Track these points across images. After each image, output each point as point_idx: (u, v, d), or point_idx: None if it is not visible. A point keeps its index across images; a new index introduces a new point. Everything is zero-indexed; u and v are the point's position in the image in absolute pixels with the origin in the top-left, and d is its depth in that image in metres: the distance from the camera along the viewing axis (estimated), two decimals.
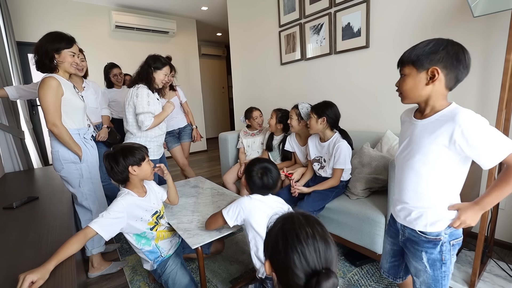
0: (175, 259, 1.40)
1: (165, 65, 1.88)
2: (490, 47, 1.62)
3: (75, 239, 1.02)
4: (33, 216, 1.38)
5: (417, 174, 0.87)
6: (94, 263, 1.68)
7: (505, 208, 1.71)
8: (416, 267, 0.92)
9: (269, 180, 1.22)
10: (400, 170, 0.94)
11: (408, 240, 0.94)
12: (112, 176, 1.25)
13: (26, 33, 3.57)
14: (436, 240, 0.87)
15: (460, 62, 0.79)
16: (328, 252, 0.54)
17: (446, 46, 0.79)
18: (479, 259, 1.35)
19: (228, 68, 6.95)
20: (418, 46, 0.83)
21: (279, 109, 2.23)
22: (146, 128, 1.82)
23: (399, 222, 0.97)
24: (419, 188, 0.88)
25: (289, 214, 0.61)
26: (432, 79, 0.81)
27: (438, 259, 0.88)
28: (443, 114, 0.81)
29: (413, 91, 0.85)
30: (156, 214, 1.36)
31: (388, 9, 2.03)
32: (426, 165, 0.84)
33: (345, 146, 1.64)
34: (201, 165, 4.54)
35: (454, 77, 0.81)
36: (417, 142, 0.86)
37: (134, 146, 1.28)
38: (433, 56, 0.80)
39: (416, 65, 0.82)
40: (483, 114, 0.74)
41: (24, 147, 2.47)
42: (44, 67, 1.41)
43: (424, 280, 0.91)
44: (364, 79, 2.25)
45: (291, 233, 0.56)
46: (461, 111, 0.77)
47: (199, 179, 2.22)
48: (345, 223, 1.63)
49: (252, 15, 3.32)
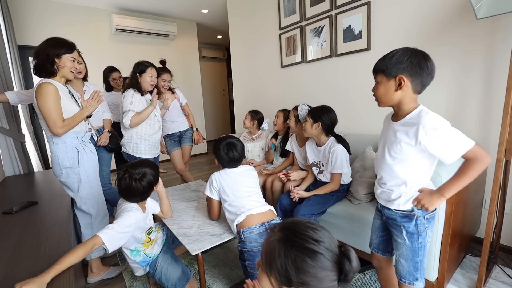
0: (164, 256, 1.39)
1: (147, 67, 1.94)
2: (494, 49, 1.60)
3: (82, 249, 0.99)
4: (32, 221, 1.37)
5: (391, 167, 1.01)
6: (93, 268, 1.67)
7: (510, 213, 1.68)
8: (397, 241, 1.05)
9: (235, 153, 1.41)
10: (379, 163, 1.08)
11: (388, 218, 1.08)
12: (136, 195, 1.26)
13: (28, 37, 3.58)
14: (411, 215, 1.01)
15: (423, 70, 0.90)
16: (332, 236, 0.57)
17: (409, 56, 0.90)
18: (484, 266, 1.33)
19: (228, 70, 6.95)
20: (387, 56, 0.95)
21: (284, 109, 2.26)
22: (127, 124, 1.91)
23: (380, 203, 1.11)
24: (393, 177, 1.02)
25: (278, 228, 0.58)
26: (400, 85, 0.92)
27: (415, 231, 1.01)
28: (411, 117, 0.94)
29: (385, 96, 0.97)
30: (148, 231, 1.36)
31: (390, 11, 2.02)
32: (398, 159, 0.98)
33: (340, 150, 1.63)
34: (201, 168, 4.53)
35: (419, 82, 0.92)
36: (391, 141, 1.00)
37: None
38: (399, 65, 0.91)
39: (386, 73, 0.94)
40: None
41: (24, 150, 2.46)
42: (43, 71, 1.40)
43: (403, 252, 1.04)
44: (365, 82, 2.23)
45: (300, 237, 0.54)
46: (425, 115, 0.89)
47: (200, 182, 2.20)
48: (347, 228, 1.61)
49: (252, 17, 3.31)
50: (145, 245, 1.34)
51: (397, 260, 1.07)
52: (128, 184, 1.22)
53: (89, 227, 1.60)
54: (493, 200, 1.31)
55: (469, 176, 0.89)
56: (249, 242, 1.27)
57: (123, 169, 1.26)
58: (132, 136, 1.98)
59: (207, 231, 1.40)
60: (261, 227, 1.30)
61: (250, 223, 1.30)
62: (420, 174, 0.99)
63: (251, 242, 1.27)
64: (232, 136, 1.48)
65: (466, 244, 1.64)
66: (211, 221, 1.52)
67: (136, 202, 1.28)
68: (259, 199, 1.43)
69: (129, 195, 1.25)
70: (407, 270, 1.04)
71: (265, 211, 1.37)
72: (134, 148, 1.99)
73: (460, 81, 1.75)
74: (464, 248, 1.64)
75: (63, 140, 1.45)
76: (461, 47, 1.71)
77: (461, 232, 1.47)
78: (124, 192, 1.24)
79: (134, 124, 1.93)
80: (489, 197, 1.71)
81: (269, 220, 1.34)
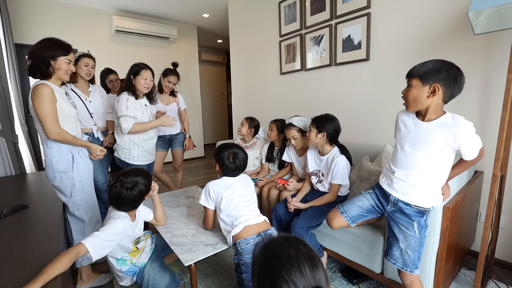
0: (152, 264, 1.37)
1: (142, 69, 1.90)
2: (491, 65, 1.61)
3: (66, 257, 0.96)
4: (21, 226, 1.33)
5: (420, 162, 1.10)
6: (83, 275, 1.63)
7: (504, 227, 1.69)
8: (407, 233, 1.16)
9: (241, 163, 1.40)
10: (406, 156, 1.15)
11: (398, 211, 1.18)
12: (126, 204, 1.24)
13: (26, 36, 3.55)
14: (426, 212, 1.14)
15: (456, 83, 1.02)
16: (315, 271, 0.52)
17: (448, 68, 1.01)
18: (479, 281, 1.32)
19: (228, 74, 6.96)
20: (426, 64, 1.04)
21: (276, 120, 2.20)
22: (126, 131, 1.84)
23: (395, 196, 1.19)
24: (421, 172, 1.11)
25: (269, 240, 0.59)
26: (433, 93, 1.02)
27: (424, 225, 1.15)
28: (445, 120, 1.05)
29: (416, 101, 1.07)
30: (136, 240, 1.33)
31: (389, 23, 2.04)
32: (429, 156, 1.08)
33: (343, 162, 1.62)
34: (198, 172, 4.50)
35: (449, 94, 1.04)
36: (423, 138, 1.09)
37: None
38: (437, 75, 1.01)
39: (422, 79, 1.03)
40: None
41: (17, 151, 2.42)
42: (38, 73, 1.38)
43: (411, 243, 1.15)
44: (363, 92, 2.24)
45: (274, 257, 0.53)
46: (462, 119, 1.03)
47: (194, 188, 2.18)
48: (342, 240, 1.60)
49: (253, 24, 3.32)
50: (131, 254, 1.32)
51: (403, 251, 1.16)
52: (118, 192, 1.19)
53: (81, 234, 1.57)
54: (489, 216, 1.31)
55: (465, 168, 1.15)
56: (246, 253, 1.25)
57: (115, 176, 1.24)
58: (125, 141, 1.91)
59: (201, 241, 1.38)
60: (258, 237, 1.28)
61: (246, 234, 1.28)
62: (443, 171, 1.12)
63: (248, 254, 1.25)
64: (235, 145, 1.47)
65: (461, 258, 1.64)
66: (205, 230, 1.49)
67: (125, 211, 1.25)
68: (255, 209, 1.42)
69: (118, 204, 1.22)
70: (412, 260, 1.15)
71: (261, 221, 1.36)
72: (126, 154, 1.93)
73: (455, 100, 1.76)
74: (459, 262, 1.63)
75: (58, 143, 1.43)
76: (458, 61, 1.72)
77: (456, 246, 1.46)
78: (113, 200, 1.22)
79: (134, 132, 1.88)
80: (484, 210, 1.72)
81: (264, 230, 1.32)
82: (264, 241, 0.60)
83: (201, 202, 1.43)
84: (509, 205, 1.65)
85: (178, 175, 2.79)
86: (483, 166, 1.72)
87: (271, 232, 1.34)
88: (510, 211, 1.66)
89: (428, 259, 1.28)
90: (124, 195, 1.19)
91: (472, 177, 1.64)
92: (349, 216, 1.34)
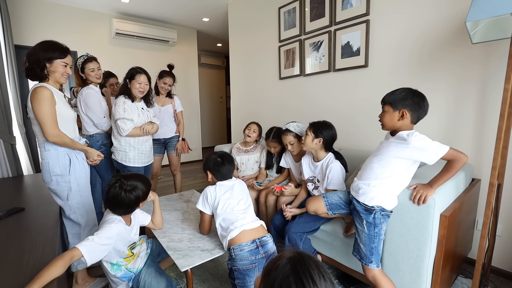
0: (147, 270, 1.36)
1: (137, 73, 1.93)
2: (489, 73, 1.63)
3: (61, 261, 0.95)
4: (17, 229, 1.32)
5: (373, 167, 1.30)
6: (79, 279, 1.61)
7: (501, 235, 1.69)
8: (358, 227, 1.31)
9: (228, 158, 1.48)
10: (367, 162, 1.35)
11: (354, 208, 1.34)
12: (121, 206, 1.24)
13: (26, 37, 3.55)
14: (371, 210, 1.26)
15: (421, 108, 1.22)
16: None
17: (412, 96, 1.21)
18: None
19: (227, 78, 6.98)
20: (395, 93, 1.25)
21: (272, 128, 2.18)
22: (125, 133, 1.86)
23: (351, 193, 1.37)
24: (371, 176, 1.29)
25: (297, 255, 0.60)
26: (402, 117, 1.23)
27: (372, 222, 1.26)
28: (403, 134, 1.22)
29: (389, 123, 1.28)
30: (131, 245, 1.33)
31: (388, 30, 2.06)
32: (381, 164, 1.27)
33: (338, 167, 1.62)
34: (196, 176, 4.48)
35: (416, 116, 1.23)
36: (384, 147, 1.29)
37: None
38: (403, 102, 1.22)
39: (392, 106, 1.24)
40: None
41: (14, 153, 2.41)
42: (34, 75, 1.38)
43: (362, 238, 1.29)
44: (362, 98, 2.25)
45: (306, 276, 0.56)
46: (413, 133, 1.19)
47: (191, 193, 2.17)
48: (339, 247, 1.59)
49: (252, 28, 3.35)
50: (127, 259, 1.31)
51: (358, 245, 1.31)
52: (116, 193, 1.19)
53: (77, 237, 1.55)
54: (485, 224, 1.31)
55: (451, 172, 1.19)
56: (240, 260, 1.25)
57: (116, 177, 1.24)
58: (121, 143, 1.91)
59: (198, 246, 1.37)
60: (252, 244, 1.28)
61: (241, 240, 1.27)
62: (394, 179, 1.24)
63: (242, 260, 1.25)
64: (222, 152, 1.54)
65: (458, 265, 1.64)
66: (202, 235, 1.49)
67: (119, 214, 1.25)
68: (251, 213, 1.42)
69: (114, 206, 1.22)
70: (364, 253, 1.28)
71: (257, 226, 1.36)
72: (123, 156, 1.93)
73: (453, 109, 1.78)
74: (456, 269, 1.63)
75: (55, 146, 1.42)
76: (457, 70, 1.75)
77: (453, 254, 1.46)
78: (109, 201, 1.22)
79: (133, 135, 1.90)
80: (481, 218, 1.72)
81: (260, 237, 1.32)
82: (288, 254, 0.60)
83: (198, 206, 1.44)
84: (506, 213, 1.66)
85: (176, 178, 2.78)
86: (480, 174, 1.72)
87: (267, 239, 1.34)
88: (507, 219, 1.67)
89: (425, 267, 1.28)
90: (121, 196, 1.19)
91: (469, 185, 1.65)
92: (328, 201, 1.46)
